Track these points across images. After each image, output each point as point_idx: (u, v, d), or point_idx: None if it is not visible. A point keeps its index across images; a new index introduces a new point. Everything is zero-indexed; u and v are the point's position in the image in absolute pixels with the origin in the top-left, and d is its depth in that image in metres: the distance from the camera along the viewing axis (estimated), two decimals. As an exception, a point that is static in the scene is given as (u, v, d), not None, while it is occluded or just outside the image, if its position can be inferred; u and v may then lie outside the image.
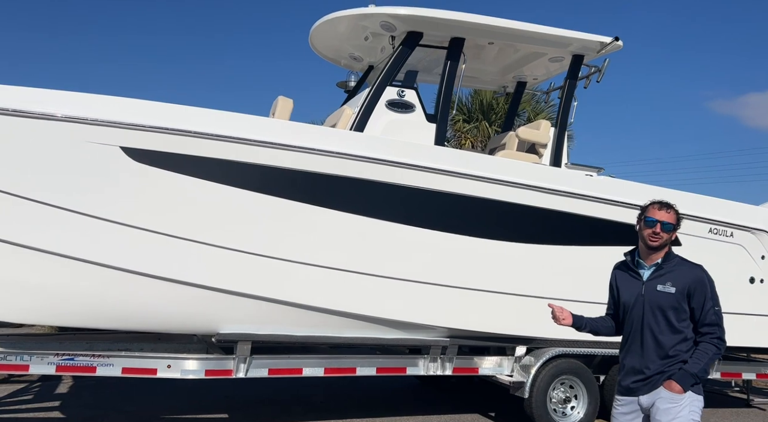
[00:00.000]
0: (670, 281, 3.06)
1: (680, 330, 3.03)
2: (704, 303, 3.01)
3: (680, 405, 2.95)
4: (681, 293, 3.02)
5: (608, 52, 6.54)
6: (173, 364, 4.92)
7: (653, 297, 3.08)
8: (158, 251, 4.71)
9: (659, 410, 2.99)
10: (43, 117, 4.37)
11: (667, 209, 3.16)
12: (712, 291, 3.05)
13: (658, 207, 3.18)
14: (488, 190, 5.52)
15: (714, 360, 3.03)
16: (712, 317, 3.01)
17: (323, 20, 6.24)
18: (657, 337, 3.05)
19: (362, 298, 5.22)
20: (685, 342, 3.04)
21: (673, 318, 3.03)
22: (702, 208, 6.27)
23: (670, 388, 2.98)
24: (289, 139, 4.95)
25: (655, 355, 3.04)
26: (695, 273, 3.08)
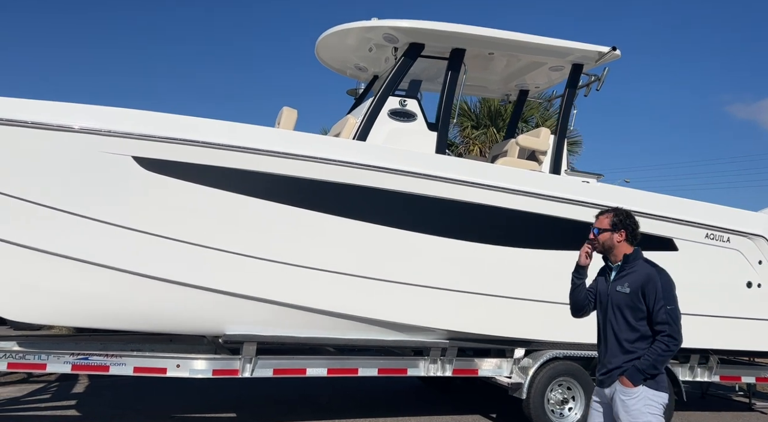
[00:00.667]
0: (627, 282, 3.28)
1: (637, 329, 3.23)
2: (655, 302, 3.18)
3: (633, 398, 3.16)
4: (635, 293, 3.22)
5: (607, 61, 6.68)
6: (182, 364, 5.14)
7: (614, 297, 3.34)
8: (168, 256, 4.93)
9: (616, 402, 3.24)
10: (61, 129, 4.63)
11: (605, 215, 3.49)
12: (664, 291, 3.19)
13: (599, 214, 3.56)
14: (487, 196, 5.68)
15: (665, 358, 3.17)
16: (663, 316, 3.17)
17: (328, 33, 6.45)
18: (617, 335, 3.28)
19: (365, 301, 5.39)
20: (643, 340, 3.22)
21: (630, 317, 3.24)
22: (698, 214, 6.37)
23: (622, 382, 3.21)
24: (294, 148, 5.15)
25: (617, 351, 3.27)
26: (647, 273, 3.26)
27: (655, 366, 3.17)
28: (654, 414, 3.15)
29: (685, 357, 6.73)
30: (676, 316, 3.19)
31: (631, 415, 3.15)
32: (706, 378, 6.82)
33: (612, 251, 3.43)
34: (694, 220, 6.29)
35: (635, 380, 3.17)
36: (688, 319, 6.13)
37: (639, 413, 3.14)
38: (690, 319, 6.17)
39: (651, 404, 3.16)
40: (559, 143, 6.55)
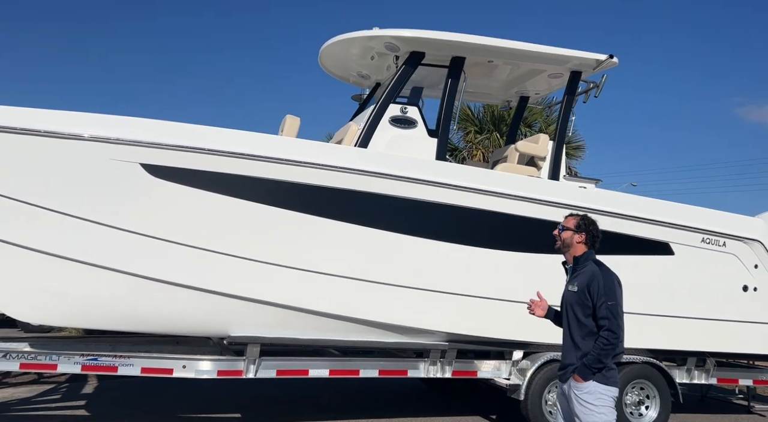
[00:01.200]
0: (576, 281, 3.54)
1: (585, 324, 3.48)
2: (597, 299, 3.43)
3: (584, 393, 3.41)
4: (582, 291, 3.48)
5: (604, 69, 6.79)
6: (188, 365, 5.29)
7: (567, 296, 3.63)
8: (175, 259, 5.08)
9: (570, 397, 3.52)
10: (73, 137, 4.80)
11: (573, 217, 3.81)
12: (605, 287, 3.43)
13: (567, 215, 3.89)
14: (486, 202, 5.80)
15: (608, 351, 3.40)
16: (603, 311, 3.41)
17: (331, 42, 6.60)
18: (571, 332, 3.54)
19: (365, 304, 5.51)
20: (591, 336, 3.46)
21: (579, 314, 3.49)
22: (694, 218, 6.46)
23: (574, 378, 3.49)
24: (296, 155, 5.29)
25: (571, 348, 3.53)
26: (591, 272, 3.51)
27: (599, 360, 3.39)
28: (604, 406, 3.39)
29: (682, 359, 6.82)
30: (617, 312, 3.42)
31: (583, 409, 3.39)
32: (704, 381, 6.90)
33: (569, 249, 3.71)
34: (689, 225, 6.38)
35: (584, 375, 3.42)
36: (684, 322, 6.37)
37: (591, 406, 3.37)
38: (686, 322, 6.40)
39: (602, 398, 3.39)
40: (557, 149, 6.66)
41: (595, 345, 3.42)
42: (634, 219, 6.17)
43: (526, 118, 14.37)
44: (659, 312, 6.27)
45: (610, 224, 6.12)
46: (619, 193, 6.53)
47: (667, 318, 6.30)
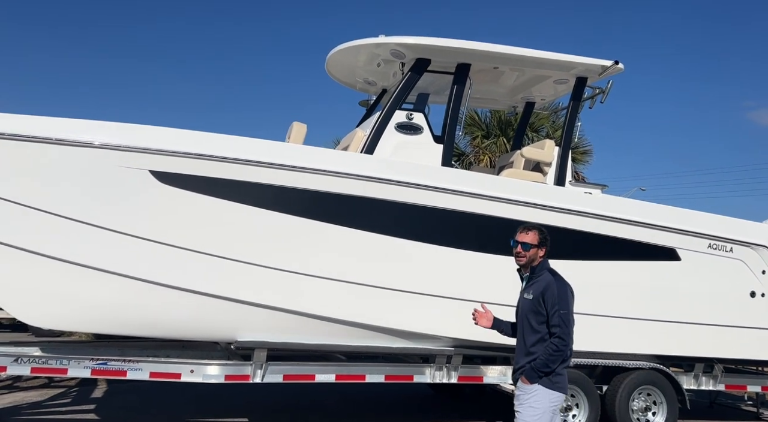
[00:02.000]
0: (532, 290, 3.68)
1: (538, 331, 3.63)
2: (551, 307, 3.59)
3: (528, 394, 3.60)
4: (537, 299, 3.62)
5: (610, 75, 6.79)
6: (196, 369, 5.34)
7: (523, 303, 3.80)
8: (183, 265, 5.14)
9: (518, 398, 3.71)
10: (83, 145, 4.88)
11: (528, 231, 3.83)
12: (559, 297, 3.59)
13: (522, 229, 3.89)
14: (492, 207, 5.82)
15: (556, 357, 3.57)
16: (556, 319, 3.57)
17: (337, 49, 6.66)
18: (524, 337, 3.73)
19: (371, 309, 5.55)
20: (542, 342, 3.61)
21: (533, 321, 3.64)
22: (701, 224, 6.45)
23: (522, 380, 3.67)
24: (304, 161, 5.35)
25: (522, 352, 3.72)
26: (546, 281, 3.65)
27: (546, 364, 3.56)
28: (545, 411, 3.54)
29: (690, 365, 6.79)
30: (568, 320, 3.57)
31: (524, 409, 3.57)
32: (711, 387, 6.86)
33: (533, 264, 3.82)
34: (696, 230, 6.37)
35: (531, 377, 3.60)
36: (690, 328, 6.35)
37: (531, 409, 3.54)
38: (693, 328, 6.38)
39: (541, 400, 3.57)
40: (563, 155, 6.65)
41: (544, 350, 3.59)
42: (640, 224, 6.17)
43: (533, 123, 14.38)
44: (666, 318, 6.26)
45: (615, 230, 6.15)
46: (625, 198, 6.54)
47: (673, 324, 6.29)
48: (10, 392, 7.33)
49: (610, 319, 6.15)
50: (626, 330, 6.16)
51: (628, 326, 6.16)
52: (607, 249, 6.13)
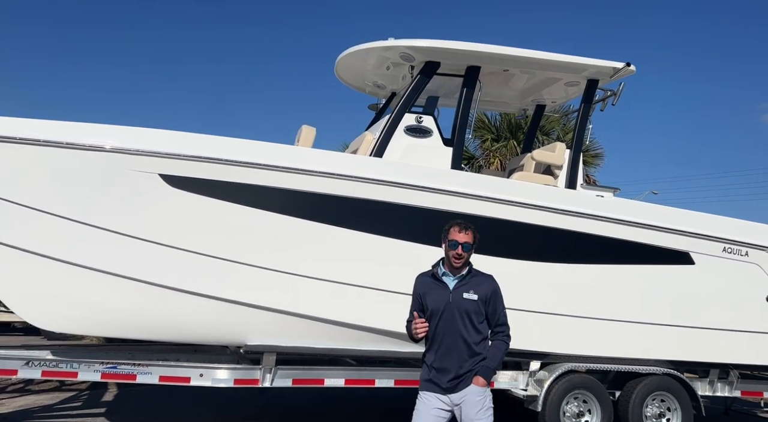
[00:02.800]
0: (473, 289, 3.57)
1: (481, 331, 3.59)
2: (498, 307, 3.62)
3: (485, 397, 3.53)
4: (482, 300, 3.57)
5: (621, 77, 6.73)
6: (205, 373, 5.33)
7: (461, 303, 3.55)
8: (194, 269, 5.14)
9: (470, 403, 3.47)
10: (93, 149, 4.90)
11: (466, 231, 3.61)
12: (501, 297, 3.68)
13: (459, 229, 3.61)
14: (502, 211, 5.77)
15: (505, 354, 3.65)
16: (503, 318, 3.65)
17: (347, 53, 6.65)
18: (465, 339, 3.53)
19: (382, 313, 5.50)
20: (484, 341, 3.60)
21: (475, 321, 3.55)
22: (715, 227, 6.35)
23: (478, 383, 3.50)
24: (313, 165, 5.34)
25: (466, 355, 3.52)
26: (492, 283, 3.66)
27: (500, 362, 3.63)
28: (490, 408, 3.54)
29: (705, 371, 6.69)
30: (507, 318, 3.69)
31: (485, 412, 3.47)
32: (727, 394, 6.75)
33: (466, 265, 3.68)
34: (710, 234, 6.28)
35: (488, 378, 3.54)
36: (705, 333, 6.26)
37: (490, 410, 3.51)
38: (707, 333, 6.29)
39: (491, 400, 3.57)
40: (574, 158, 6.60)
41: (495, 348, 3.58)
42: (653, 228, 6.09)
43: (543, 126, 14.33)
44: (680, 323, 6.17)
45: (628, 233, 6.07)
46: (637, 201, 6.45)
47: (688, 329, 6.19)
48: (21, 395, 7.38)
49: (622, 324, 6.07)
50: (639, 335, 6.08)
51: (640, 331, 6.08)
52: (620, 252, 6.05)
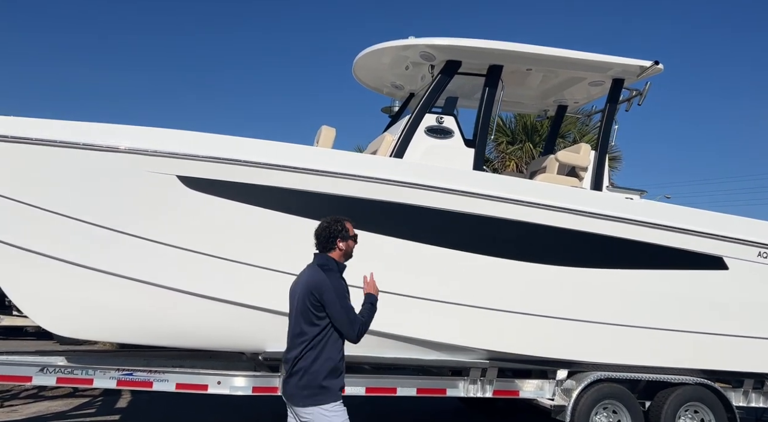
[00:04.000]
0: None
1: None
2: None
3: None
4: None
5: (648, 76, 6.53)
6: (223, 381, 5.19)
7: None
8: (211, 273, 5.00)
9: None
10: (109, 149, 4.79)
11: (349, 223, 3.61)
12: None
13: (352, 222, 3.64)
14: (528, 213, 5.58)
15: None
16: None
17: (366, 52, 6.50)
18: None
19: (404, 320, 5.34)
20: None
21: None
22: (749, 231, 6.12)
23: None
24: (333, 166, 5.19)
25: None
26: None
27: None
28: None
29: (739, 381, 6.44)
30: None
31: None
32: (762, 404, 6.51)
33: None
34: (745, 238, 6.05)
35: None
36: (739, 341, 6.02)
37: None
38: (743, 341, 6.05)
39: None
40: (600, 159, 6.41)
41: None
42: (685, 231, 5.88)
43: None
44: (713, 331, 5.95)
45: (659, 237, 5.86)
46: (668, 204, 6.23)
47: (721, 337, 5.97)
48: (35, 401, 7.27)
49: (652, 331, 5.86)
50: (670, 342, 5.87)
51: (672, 338, 5.87)
52: (650, 257, 5.84)
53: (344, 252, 3.56)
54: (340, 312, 3.29)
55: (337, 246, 3.51)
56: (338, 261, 3.53)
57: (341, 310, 3.29)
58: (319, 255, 3.54)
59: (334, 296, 3.29)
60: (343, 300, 3.35)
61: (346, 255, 3.58)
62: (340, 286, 3.40)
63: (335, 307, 3.28)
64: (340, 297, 3.32)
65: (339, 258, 3.53)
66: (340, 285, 3.40)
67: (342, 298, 3.34)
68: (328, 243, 3.51)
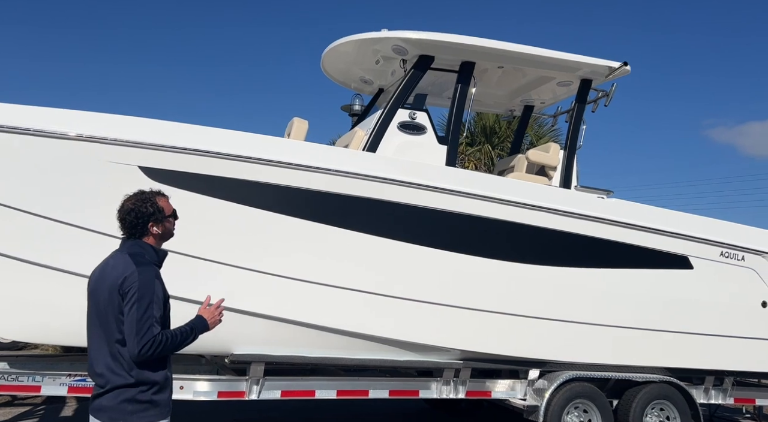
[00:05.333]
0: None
1: None
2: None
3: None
4: None
5: (616, 77, 6.62)
6: (186, 385, 4.87)
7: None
8: (174, 270, 4.66)
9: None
10: (67, 137, 4.41)
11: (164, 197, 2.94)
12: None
13: (167, 197, 2.96)
14: (502, 211, 5.53)
15: None
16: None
17: (336, 44, 6.31)
18: None
19: (376, 319, 5.18)
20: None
21: None
22: (713, 231, 6.29)
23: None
24: (306, 159, 4.98)
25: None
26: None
27: None
28: None
29: (700, 378, 6.59)
30: None
31: None
32: (721, 401, 6.68)
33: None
34: (709, 238, 6.19)
35: None
36: (703, 339, 6.15)
37: None
38: (706, 340, 6.18)
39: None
40: (569, 159, 6.46)
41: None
42: (655, 231, 5.96)
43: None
44: (679, 329, 6.06)
45: (629, 237, 5.92)
46: (638, 203, 6.30)
47: (686, 335, 6.09)
48: (-32, 411, 6.68)
49: (621, 330, 5.91)
50: (639, 341, 5.94)
51: (641, 337, 5.94)
52: (621, 257, 5.90)
53: (161, 235, 2.86)
54: (133, 317, 2.58)
55: (150, 231, 2.81)
56: (156, 249, 2.85)
57: (135, 314, 2.58)
58: (129, 243, 2.81)
59: (138, 297, 2.60)
60: (148, 304, 2.62)
61: (165, 236, 2.89)
62: (151, 285, 2.67)
63: (132, 310, 2.58)
64: (143, 297, 2.62)
65: (157, 244, 2.86)
66: (151, 283, 2.67)
67: (146, 300, 2.62)
68: (136, 228, 2.79)
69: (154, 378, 2.68)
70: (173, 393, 3.22)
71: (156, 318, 2.64)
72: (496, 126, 14.55)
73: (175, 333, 2.74)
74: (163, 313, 2.76)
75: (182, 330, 2.78)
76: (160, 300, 2.72)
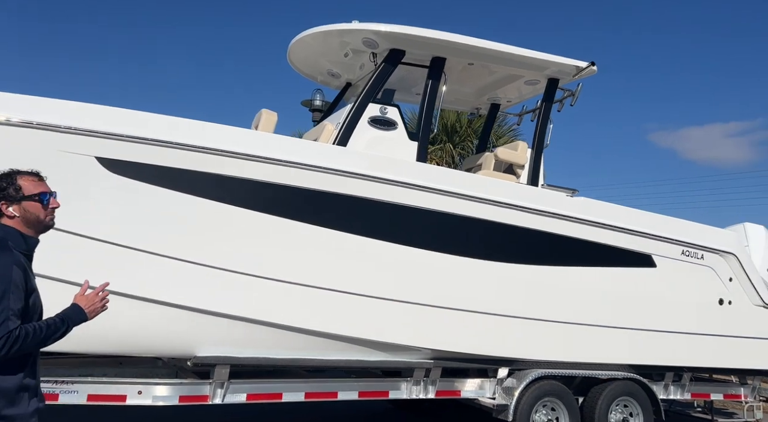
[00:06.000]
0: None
1: None
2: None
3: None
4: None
5: (583, 77, 6.67)
6: (144, 390, 4.61)
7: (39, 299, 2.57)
8: (132, 268, 4.41)
9: None
10: (17, 124, 4.07)
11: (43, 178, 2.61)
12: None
13: (38, 178, 2.58)
14: (472, 208, 5.48)
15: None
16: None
17: (304, 35, 6.13)
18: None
19: (346, 319, 5.04)
20: None
21: None
22: (675, 230, 6.42)
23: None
24: (275, 152, 4.79)
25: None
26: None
27: None
28: None
29: (660, 374, 6.73)
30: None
31: None
32: (679, 396, 6.86)
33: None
34: (672, 237, 6.33)
35: None
36: (665, 336, 6.28)
37: None
38: (667, 337, 6.31)
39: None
40: (536, 157, 6.47)
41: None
42: (621, 230, 6.04)
43: (477, 129, 14.35)
44: (642, 327, 6.17)
45: (596, 235, 5.97)
46: (604, 202, 6.37)
47: (650, 333, 6.20)
48: None
49: (586, 328, 5.96)
50: (604, 338, 6.00)
51: (606, 335, 6.00)
52: (587, 254, 5.95)
53: (25, 219, 2.48)
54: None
55: (4, 212, 2.45)
56: (24, 234, 2.48)
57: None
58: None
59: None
60: (2, 293, 2.29)
61: (32, 223, 2.50)
62: (7, 272, 2.33)
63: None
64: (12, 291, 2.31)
65: (22, 228, 2.48)
66: (7, 270, 2.33)
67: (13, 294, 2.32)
68: None
69: (1, 386, 2.28)
70: (130, 399, 2.90)
71: (13, 311, 2.29)
72: (456, 125, 14.59)
73: (39, 326, 2.37)
74: (26, 305, 2.39)
75: (49, 322, 2.42)
76: (20, 290, 2.35)
